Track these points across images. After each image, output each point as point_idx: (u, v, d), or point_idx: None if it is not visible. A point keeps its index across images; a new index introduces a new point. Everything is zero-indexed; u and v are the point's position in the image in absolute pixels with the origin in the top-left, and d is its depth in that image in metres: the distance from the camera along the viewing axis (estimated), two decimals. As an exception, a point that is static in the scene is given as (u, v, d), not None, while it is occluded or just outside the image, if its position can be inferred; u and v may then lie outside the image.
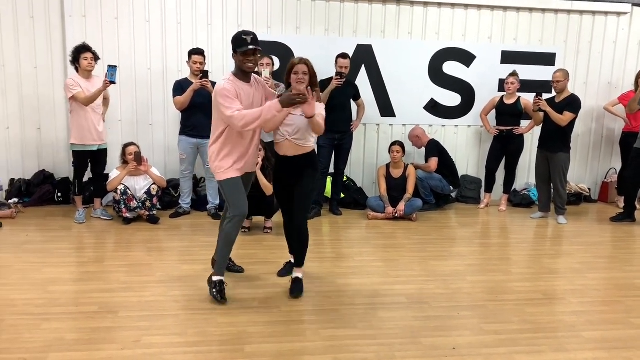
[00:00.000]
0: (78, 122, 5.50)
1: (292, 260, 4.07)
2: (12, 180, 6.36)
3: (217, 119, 3.63)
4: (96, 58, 5.52)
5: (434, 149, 6.64)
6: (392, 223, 6.05)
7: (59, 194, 6.33)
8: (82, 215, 5.60)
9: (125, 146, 5.72)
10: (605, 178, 7.63)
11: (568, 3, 7.06)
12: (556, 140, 6.10)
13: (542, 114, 6.14)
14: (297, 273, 3.91)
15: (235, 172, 3.66)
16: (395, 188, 6.27)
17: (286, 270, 4.20)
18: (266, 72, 5.62)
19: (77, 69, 5.51)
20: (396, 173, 6.32)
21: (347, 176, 6.84)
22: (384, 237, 5.48)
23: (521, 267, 4.65)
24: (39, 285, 3.90)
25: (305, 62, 3.67)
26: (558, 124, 5.98)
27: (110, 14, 6.24)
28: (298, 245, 3.93)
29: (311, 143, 3.83)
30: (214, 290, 3.66)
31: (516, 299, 3.90)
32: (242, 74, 3.60)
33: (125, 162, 5.70)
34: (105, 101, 5.87)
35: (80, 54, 5.43)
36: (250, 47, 3.47)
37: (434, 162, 6.54)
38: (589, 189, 7.56)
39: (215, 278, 3.71)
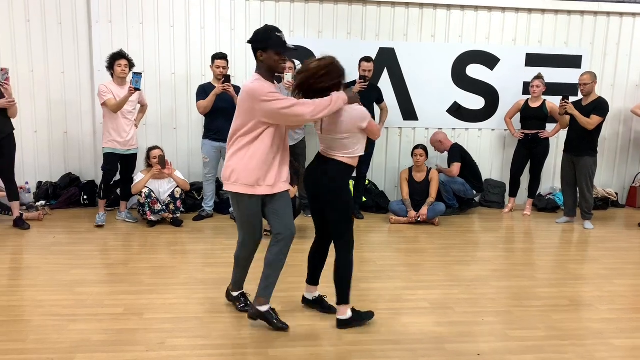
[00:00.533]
0: (109, 127, 5.60)
1: (306, 294, 3.63)
2: (39, 183, 6.49)
3: (243, 124, 3.14)
4: (131, 65, 5.60)
5: (457, 153, 6.58)
6: (414, 227, 6.01)
7: (85, 197, 6.45)
8: (102, 218, 5.67)
9: (150, 150, 5.80)
10: (633, 182, 7.48)
11: (595, 5, 6.95)
12: (583, 144, 6.00)
13: (568, 117, 6.05)
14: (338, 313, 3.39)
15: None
16: (418, 192, 6.23)
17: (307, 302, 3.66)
18: (288, 76, 5.64)
19: (112, 75, 5.62)
20: (419, 177, 6.28)
21: (369, 180, 6.83)
22: (407, 242, 5.45)
23: (546, 272, 4.58)
24: (66, 286, 3.96)
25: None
26: (585, 128, 5.88)
27: (136, 20, 6.34)
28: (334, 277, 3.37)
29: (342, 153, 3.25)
30: (274, 321, 3.28)
31: (542, 305, 3.84)
32: (270, 74, 3.18)
33: (149, 165, 5.77)
34: (142, 108, 5.98)
35: (115, 61, 5.54)
36: (293, 47, 3.16)
37: (456, 167, 6.49)
38: (616, 193, 7.41)
39: (263, 308, 3.29)
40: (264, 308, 3.28)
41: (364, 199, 6.58)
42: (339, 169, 3.23)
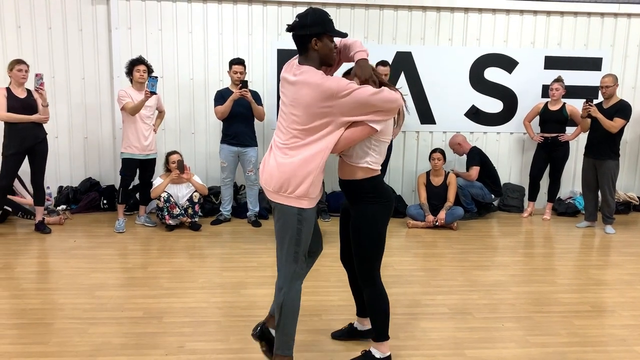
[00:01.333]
0: (128, 132, 5.67)
1: (357, 325, 3.24)
2: (60, 187, 6.58)
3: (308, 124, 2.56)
4: (149, 71, 5.66)
5: (476, 157, 6.53)
6: (432, 232, 5.97)
7: (105, 201, 6.52)
8: (122, 225, 5.71)
9: (169, 154, 5.85)
10: (655, 186, 7.36)
11: (615, 6, 6.86)
12: (604, 147, 5.91)
13: (589, 120, 5.97)
14: (371, 347, 2.96)
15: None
16: (436, 196, 6.19)
17: (341, 333, 3.30)
18: None
19: (131, 81, 5.69)
20: (437, 181, 6.25)
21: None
22: (425, 246, 5.41)
23: (567, 277, 4.51)
24: (87, 290, 4.01)
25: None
26: (607, 130, 5.80)
27: (155, 26, 6.41)
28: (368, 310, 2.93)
29: (365, 162, 2.71)
30: None
31: (563, 310, 3.79)
32: (320, 66, 2.65)
33: (168, 170, 5.82)
34: (160, 114, 6.03)
35: (134, 67, 5.61)
36: (344, 33, 2.64)
37: (475, 170, 6.43)
38: (638, 197, 7.29)
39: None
40: None
41: (381, 203, 6.55)
42: None
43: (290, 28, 2.62)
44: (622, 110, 5.82)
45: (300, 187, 2.58)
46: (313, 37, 2.57)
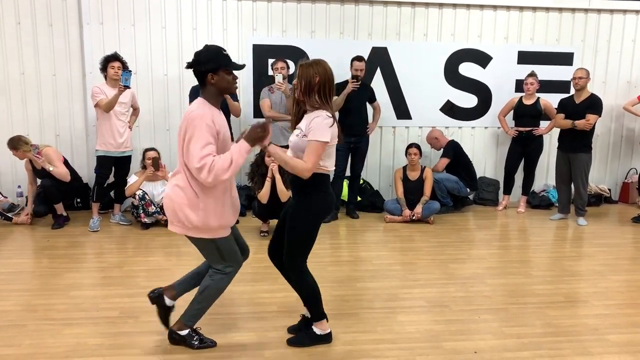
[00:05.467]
0: (102, 129, 5.58)
1: (306, 313, 3.27)
2: (32, 186, 6.44)
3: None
4: (124, 68, 5.57)
5: (450, 150, 6.63)
6: (409, 226, 6.02)
7: (78, 200, 6.41)
8: (96, 223, 5.63)
9: (146, 151, 5.78)
10: (625, 178, 7.53)
11: (585, 2, 6.98)
12: (577, 141, 6.02)
13: (569, 122, 6.00)
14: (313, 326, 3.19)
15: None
16: (412, 191, 6.23)
17: (297, 326, 3.35)
18: (279, 77, 5.62)
19: (105, 77, 5.59)
20: (413, 175, 6.29)
21: (363, 179, 6.83)
22: (402, 240, 5.45)
23: (542, 269, 4.59)
24: (61, 290, 3.94)
25: (301, 65, 2.96)
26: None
27: (127, 21, 6.31)
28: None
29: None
30: (195, 342, 3.07)
31: (538, 301, 3.86)
32: (220, 97, 2.94)
33: (145, 167, 5.75)
34: (135, 111, 5.96)
35: (109, 63, 5.52)
36: (241, 64, 2.92)
37: (442, 162, 6.62)
38: (609, 189, 7.46)
39: (184, 332, 3.08)
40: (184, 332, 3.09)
41: (358, 198, 6.58)
42: None
43: (188, 65, 2.88)
44: (594, 105, 5.92)
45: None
46: (209, 73, 2.80)
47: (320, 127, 2.84)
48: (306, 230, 2.99)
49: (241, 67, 2.88)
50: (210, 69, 2.79)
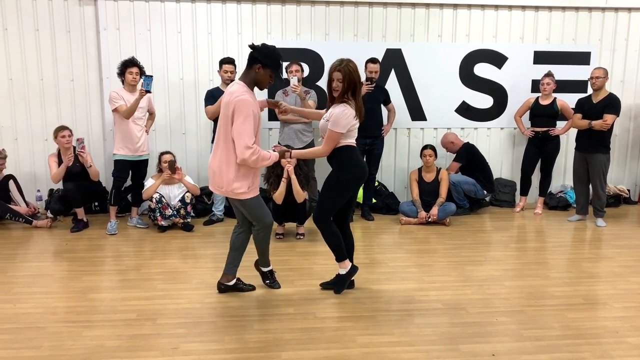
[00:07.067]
0: (120, 134, 5.63)
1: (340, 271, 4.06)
2: (51, 190, 6.52)
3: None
4: (142, 73, 5.62)
5: (463, 154, 6.61)
6: (425, 228, 5.99)
7: (96, 204, 6.48)
8: (114, 227, 5.67)
9: (161, 154, 5.83)
10: (645, 179, 7.42)
11: (602, 0, 6.90)
12: (595, 141, 5.95)
13: (587, 122, 5.94)
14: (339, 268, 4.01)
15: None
16: (428, 192, 6.21)
17: (329, 282, 4.11)
18: (294, 80, 5.63)
19: (123, 82, 5.65)
20: (428, 177, 6.26)
21: (378, 181, 6.81)
22: (418, 242, 5.43)
23: (560, 271, 4.54)
24: (79, 293, 3.98)
25: (339, 68, 3.63)
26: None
27: (143, 26, 6.37)
28: None
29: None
30: (267, 281, 4.08)
31: (556, 304, 3.81)
32: (253, 86, 3.65)
33: (161, 170, 5.79)
34: (151, 115, 6.02)
35: (127, 68, 5.56)
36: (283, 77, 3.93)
37: (453, 165, 6.61)
38: (628, 190, 7.35)
39: (265, 269, 4.09)
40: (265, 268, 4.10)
41: (373, 201, 6.57)
42: None
43: (251, 46, 3.51)
44: (612, 105, 5.85)
45: None
46: (260, 63, 3.44)
47: (337, 118, 3.60)
48: (332, 196, 3.78)
49: (281, 78, 3.68)
50: (264, 63, 3.43)
